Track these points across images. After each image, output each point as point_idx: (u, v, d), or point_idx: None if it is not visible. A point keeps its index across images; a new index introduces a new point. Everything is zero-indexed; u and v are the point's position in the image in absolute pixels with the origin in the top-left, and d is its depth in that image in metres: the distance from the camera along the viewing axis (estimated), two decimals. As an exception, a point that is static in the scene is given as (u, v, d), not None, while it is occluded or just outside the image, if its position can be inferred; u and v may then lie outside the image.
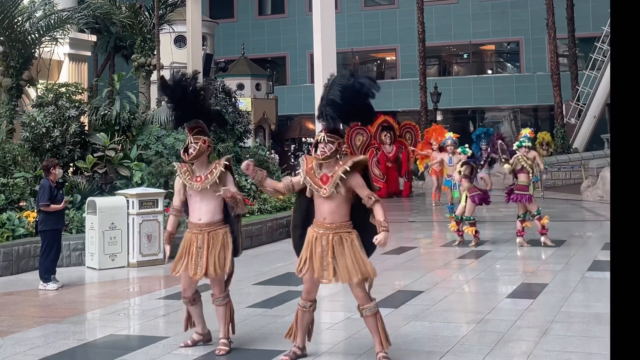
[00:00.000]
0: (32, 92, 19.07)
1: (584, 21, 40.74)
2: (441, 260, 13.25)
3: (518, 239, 14.23)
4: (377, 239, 6.56)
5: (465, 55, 51.35)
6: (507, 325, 8.10)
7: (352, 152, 25.07)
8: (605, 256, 12.99)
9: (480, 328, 8.05)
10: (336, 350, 7.43)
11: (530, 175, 14.57)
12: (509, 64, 51.02)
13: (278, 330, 8.17)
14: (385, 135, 26.57)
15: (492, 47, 50.82)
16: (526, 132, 15.74)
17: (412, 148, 26.10)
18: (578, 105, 35.61)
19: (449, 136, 20.01)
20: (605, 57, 34.34)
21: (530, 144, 14.87)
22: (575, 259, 12.74)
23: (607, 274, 11.42)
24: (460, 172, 14.73)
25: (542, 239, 14.05)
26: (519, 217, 14.37)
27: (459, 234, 14.49)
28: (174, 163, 8.48)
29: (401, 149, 26.73)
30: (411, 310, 8.99)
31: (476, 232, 14.26)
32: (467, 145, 15.54)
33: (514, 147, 14.87)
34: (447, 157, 19.47)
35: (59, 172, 11.53)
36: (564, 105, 35.86)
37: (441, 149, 20.98)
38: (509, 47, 50.49)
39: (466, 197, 14.41)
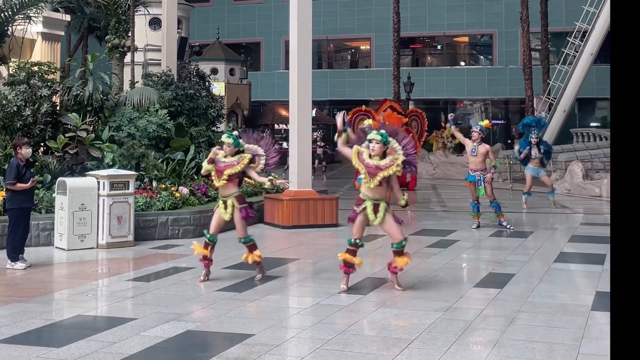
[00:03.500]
0: (3, 70, 18.86)
1: (557, 16, 41.08)
2: (410, 248, 13.32)
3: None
4: None
5: (439, 47, 51.55)
6: (474, 314, 8.19)
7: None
8: (571, 248, 13.18)
9: (448, 316, 8.13)
10: (304, 335, 7.48)
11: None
12: (481, 57, 51.32)
13: (247, 314, 8.21)
14: None
15: (466, 39, 51.09)
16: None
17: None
18: (549, 99, 35.89)
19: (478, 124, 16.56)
20: (577, 52, 34.62)
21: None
22: (542, 250, 12.89)
23: (573, 266, 11.61)
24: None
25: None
26: None
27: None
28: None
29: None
30: (380, 297, 9.06)
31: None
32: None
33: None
34: (471, 147, 15.92)
35: (26, 151, 11.36)
36: (534, 98, 36.18)
37: None
38: (482, 39, 50.76)
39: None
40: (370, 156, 9.28)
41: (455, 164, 32.59)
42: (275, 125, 48.25)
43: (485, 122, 16.14)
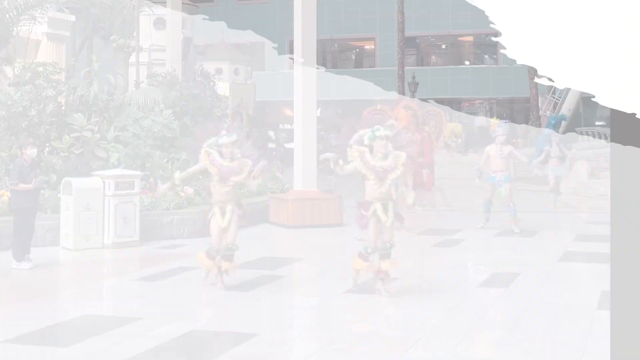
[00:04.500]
0: (9, 70, 18.88)
1: (562, 15, 40.97)
2: (415, 248, 13.34)
3: None
4: None
5: (443, 46, 51.50)
6: (479, 313, 8.20)
7: None
8: (577, 247, 13.16)
9: (453, 315, 8.14)
10: (309, 334, 7.49)
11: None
12: (486, 56, 51.24)
13: (252, 314, 8.22)
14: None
15: (471, 38, 51.00)
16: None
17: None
18: (554, 98, 35.85)
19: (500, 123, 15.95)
20: (583, 51, 34.57)
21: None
22: (547, 249, 12.89)
23: (578, 265, 11.60)
24: None
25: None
26: None
27: None
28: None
29: (425, 137, 24.73)
30: (385, 297, 9.05)
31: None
32: None
33: None
34: (497, 149, 15.33)
35: (30, 151, 11.37)
36: (539, 97, 36.13)
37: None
38: (487, 38, 50.70)
39: None
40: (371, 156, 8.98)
41: (461, 164, 32.53)
42: (280, 125, 48.25)
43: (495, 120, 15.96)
